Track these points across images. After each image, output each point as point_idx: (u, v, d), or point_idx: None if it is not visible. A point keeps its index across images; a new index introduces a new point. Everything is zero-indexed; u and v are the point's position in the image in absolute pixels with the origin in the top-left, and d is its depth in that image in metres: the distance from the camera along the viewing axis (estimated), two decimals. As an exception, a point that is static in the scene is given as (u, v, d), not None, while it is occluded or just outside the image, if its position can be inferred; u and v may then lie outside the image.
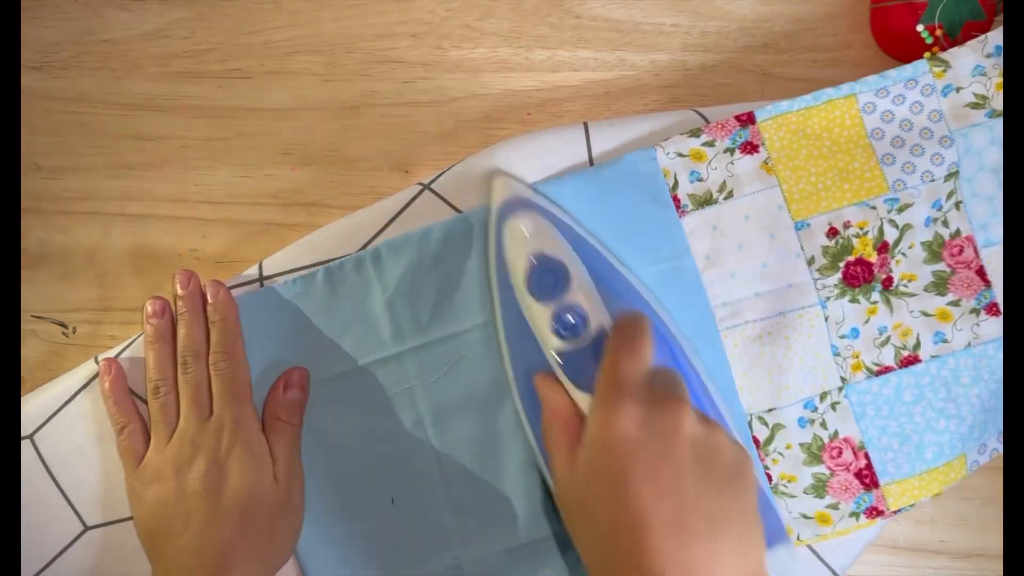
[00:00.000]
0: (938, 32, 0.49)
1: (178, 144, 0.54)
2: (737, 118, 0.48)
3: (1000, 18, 0.50)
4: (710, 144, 0.48)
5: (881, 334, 0.48)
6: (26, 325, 0.54)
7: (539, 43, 0.54)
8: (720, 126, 0.48)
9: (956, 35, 0.49)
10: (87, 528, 0.50)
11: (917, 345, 0.48)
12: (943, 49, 0.49)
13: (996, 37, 0.47)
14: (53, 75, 0.55)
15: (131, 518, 0.48)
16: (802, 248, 0.48)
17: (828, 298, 0.48)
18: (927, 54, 0.49)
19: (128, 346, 0.49)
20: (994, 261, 0.48)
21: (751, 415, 0.48)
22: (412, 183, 0.50)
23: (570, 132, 0.49)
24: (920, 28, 0.49)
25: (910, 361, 0.48)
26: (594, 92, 0.54)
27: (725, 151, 0.48)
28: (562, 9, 0.54)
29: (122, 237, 0.54)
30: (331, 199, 0.54)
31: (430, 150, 0.54)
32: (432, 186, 0.49)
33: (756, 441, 0.48)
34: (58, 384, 0.50)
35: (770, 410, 0.48)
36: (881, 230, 0.48)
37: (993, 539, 0.53)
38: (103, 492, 0.50)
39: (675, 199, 0.48)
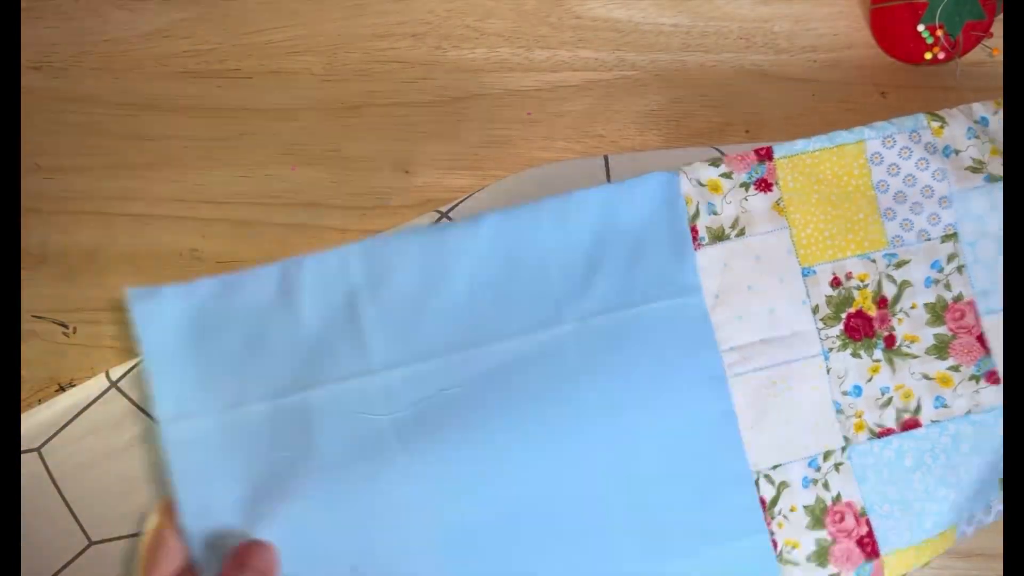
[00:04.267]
0: (939, 32, 0.49)
1: (178, 144, 0.54)
2: (756, 152, 0.47)
3: (1000, 18, 0.50)
4: (727, 176, 0.47)
5: (883, 394, 0.47)
6: (26, 325, 0.54)
7: (539, 43, 0.54)
8: (740, 158, 0.47)
9: (956, 35, 0.49)
10: (92, 543, 0.50)
11: (918, 409, 0.47)
12: (943, 49, 0.49)
13: (980, 108, 0.47)
14: (53, 75, 0.55)
15: (136, 535, 0.49)
16: (808, 295, 0.47)
17: (831, 349, 0.47)
18: (928, 53, 0.49)
19: (137, 364, 0.49)
20: (995, 329, 0.47)
21: (758, 473, 0.46)
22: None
23: (589, 164, 0.50)
24: (921, 28, 0.49)
25: (911, 425, 0.47)
26: (594, 92, 0.54)
27: (741, 185, 0.47)
28: (562, 9, 0.54)
29: (122, 237, 0.54)
30: (331, 199, 0.54)
31: (430, 150, 0.54)
32: (450, 215, 0.49)
33: (763, 502, 0.46)
34: (67, 398, 0.50)
35: (775, 467, 0.46)
36: (880, 284, 0.47)
37: (993, 539, 0.53)
38: (109, 507, 0.50)
39: (693, 230, 0.46)
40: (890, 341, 0.47)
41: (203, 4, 0.54)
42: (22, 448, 0.50)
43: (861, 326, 0.47)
